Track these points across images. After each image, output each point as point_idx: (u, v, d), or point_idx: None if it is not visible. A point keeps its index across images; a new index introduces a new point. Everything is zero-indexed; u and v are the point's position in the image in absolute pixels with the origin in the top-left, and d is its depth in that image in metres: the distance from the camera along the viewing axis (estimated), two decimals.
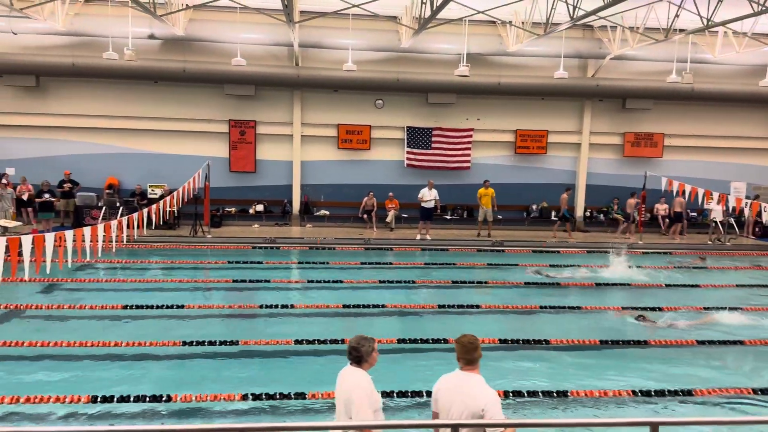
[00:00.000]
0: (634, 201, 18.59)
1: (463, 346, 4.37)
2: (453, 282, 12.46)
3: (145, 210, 12.74)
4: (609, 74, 19.09)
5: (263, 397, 6.62)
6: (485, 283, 12.50)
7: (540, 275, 13.28)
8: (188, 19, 16.81)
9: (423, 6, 13.99)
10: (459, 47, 16.64)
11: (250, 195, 19.20)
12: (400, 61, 18.50)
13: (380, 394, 4.40)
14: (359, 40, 17.08)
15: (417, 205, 17.60)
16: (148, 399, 6.47)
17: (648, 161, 19.92)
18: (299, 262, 14.94)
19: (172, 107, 18.48)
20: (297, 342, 8.35)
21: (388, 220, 18.54)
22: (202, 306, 10.26)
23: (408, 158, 19.34)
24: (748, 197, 18.14)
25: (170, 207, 14.71)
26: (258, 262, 13.94)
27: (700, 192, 16.66)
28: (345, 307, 10.24)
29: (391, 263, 14.70)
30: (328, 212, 19.33)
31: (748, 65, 18.75)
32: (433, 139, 19.24)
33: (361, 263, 14.24)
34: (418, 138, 19.23)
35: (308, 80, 18.15)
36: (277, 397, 6.63)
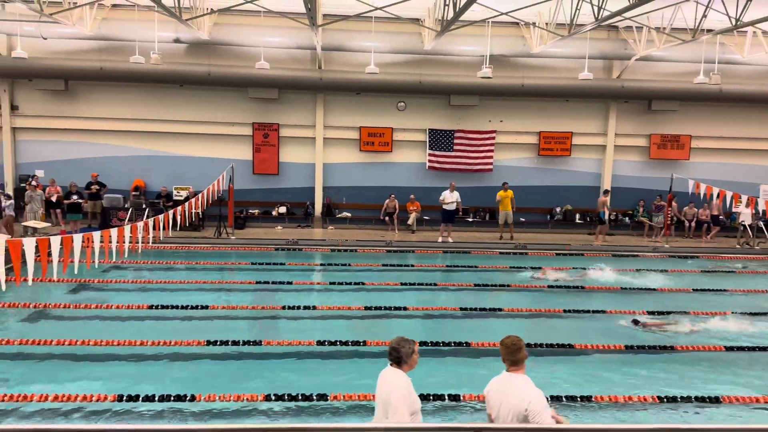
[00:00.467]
0: (675, 204, 18.39)
1: (507, 347, 4.44)
2: (475, 285, 12.40)
3: (171, 212, 12.89)
4: (634, 75, 18.85)
5: (286, 397, 6.65)
6: (508, 286, 12.41)
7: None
8: (213, 24, 17.04)
9: (446, 8, 13.96)
10: (482, 49, 16.59)
11: (273, 197, 19.34)
12: (423, 64, 18.48)
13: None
14: (381, 42, 17.11)
15: (439, 208, 17.55)
16: (172, 398, 6.55)
17: (674, 163, 19.61)
18: (321, 264, 15.00)
19: (197, 110, 18.72)
20: (319, 343, 8.37)
21: (410, 222, 18.52)
22: (226, 306, 10.36)
23: (430, 160, 19.31)
24: None
25: (195, 209, 14.87)
26: (281, 264, 14.05)
27: (728, 195, 16.36)
28: (367, 308, 10.25)
29: (412, 265, 14.69)
30: (350, 214, 19.39)
31: None
32: (455, 141, 19.19)
33: (383, 265, 14.25)
34: (440, 140, 19.19)
35: (331, 83, 18.24)
36: (300, 398, 6.66)
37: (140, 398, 6.53)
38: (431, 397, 6.71)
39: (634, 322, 9.93)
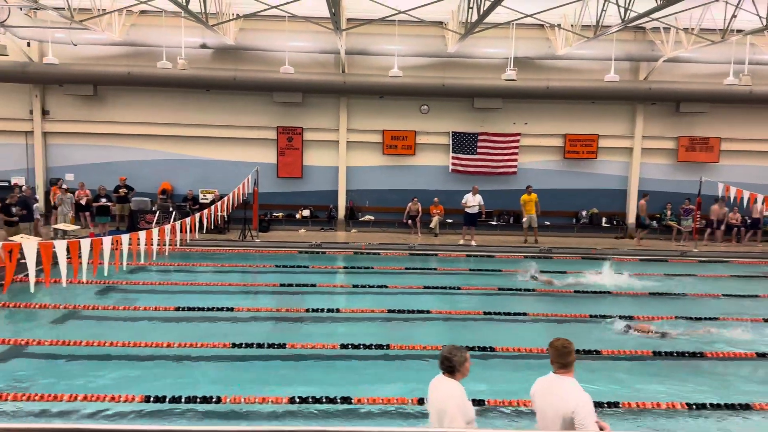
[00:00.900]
0: (717, 207, 18.06)
1: (557, 349, 4.41)
2: (500, 289, 12.31)
3: (197, 214, 13.06)
4: (662, 77, 18.56)
5: (310, 400, 6.68)
6: (533, 290, 12.29)
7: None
8: (238, 29, 17.23)
9: (470, 11, 13.92)
10: (506, 51, 16.49)
11: (297, 200, 19.47)
12: (446, 66, 18.45)
13: (426, 401, 4.40)
14: (405, 45, 17.12)
15: (462, 211, 17.49)
16: (198, 400, 6.61)
17: (703, 166, 19.25)
18: (344, 267, 15.03)
19: (222, 115, 18.95)
20: (342, 346, 8.39)
21: (433, 225, 18.47)
22: (251, 309, 10.43)
23: (453, 163, 19.25)
24: None
25: (220, 212, 15.03)
26: (304, 266, 14.12)
27: (760, 198, 16.01)
28: (390, 312, 10.24)
29: (435, 269, 14.64)
30: (373, 217, 19.41)
31: None
32: (479, 144, 19.10)
33: (406, 269, 14.24)
34: (463, 143, 19.12)
35: (354, 87, 18.30)
36: (324, 400, 6.68)
37: (167, 399, 6.60)
38: None
39: (627, 327, 9.76)
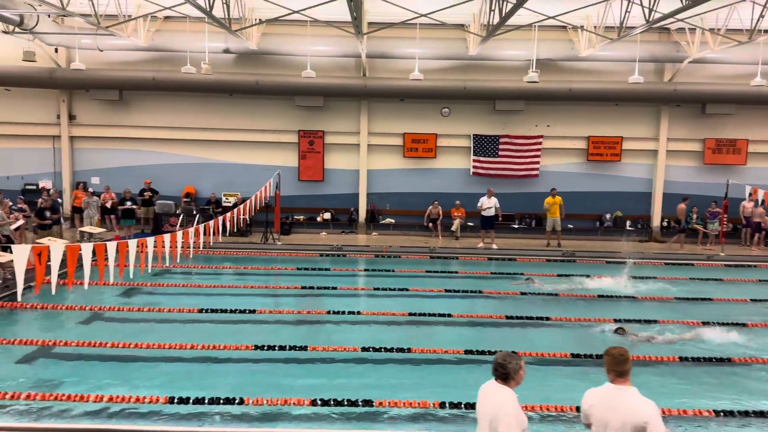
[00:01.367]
0: (761, 210, 17.70)
1: (614, 358, 4.23)
2: (521, 293, 12.22)
3: (220, 218, 13.19)
4: (687, 78, 18.28)
5: (332, 402, 6.69)
6: (556, 295, 12.17)
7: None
8: (261, 34, 17.39)
9: (491, 13, 13.86)
10: (528, 53, 16.39)
11: (318, 203, 19.55)
12: (467, 69, 18.39)
13: (448, 405, 4.34)
14: (426, 49, 17.10)
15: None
16: (221, 401, 6.67)
17: (730, 168, 18.91)
18: (365, 270, 15.05)
19: (245, 119, 19.13)
20: (364, 349, 8.41)
21: (454, 228, 18.41)
22: (273, 311, 10.50)
23: (474, 166, 19.17)
24: None
25: (243, 215, 15.17)
26: (325, 269, 14.18)
27: None
28: (411, 314, 10.23)
29: (456, 272, 14.58)
30: (393, 220, 19.41)
31: None
32: (501, 146, 19.00)
33: (426, 272, 14.21)
34: (484, 146, 19.04)
35: (375, 90, 18.34)
36: (345, 403, 6.69)
37: (190, 401, 6.67)
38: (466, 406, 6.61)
39: (620, 330, 9.62)
